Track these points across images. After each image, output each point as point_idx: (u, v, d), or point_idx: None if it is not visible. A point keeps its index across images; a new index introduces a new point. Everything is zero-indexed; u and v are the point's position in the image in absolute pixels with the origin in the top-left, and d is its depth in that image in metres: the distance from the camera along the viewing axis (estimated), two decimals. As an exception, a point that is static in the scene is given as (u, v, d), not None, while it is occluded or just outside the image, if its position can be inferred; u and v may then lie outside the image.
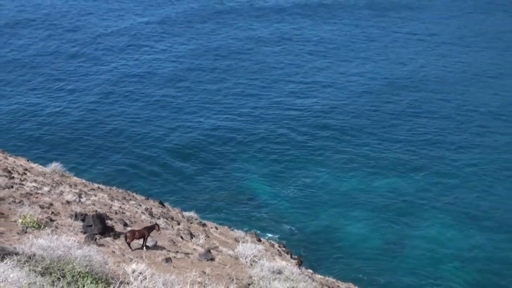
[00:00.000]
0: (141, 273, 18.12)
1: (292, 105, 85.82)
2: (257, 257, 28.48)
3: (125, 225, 29.35)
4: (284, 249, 44.52)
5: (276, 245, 44.53)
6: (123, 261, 22.64)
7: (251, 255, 28.56)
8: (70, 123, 79.17)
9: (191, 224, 37.89)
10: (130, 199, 39.64)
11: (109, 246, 24.76)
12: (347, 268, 52.66)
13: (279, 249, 42.67)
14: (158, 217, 35.14)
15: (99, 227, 25.80)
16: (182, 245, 29.09)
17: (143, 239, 25.54)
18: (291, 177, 67.88)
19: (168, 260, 24.81)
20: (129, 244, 25.26)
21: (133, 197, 42.00)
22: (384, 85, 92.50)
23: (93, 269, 17.30)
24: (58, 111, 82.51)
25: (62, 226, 25.60)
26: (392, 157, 71.87)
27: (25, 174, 34.31)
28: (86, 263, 17.23)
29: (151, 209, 37.31)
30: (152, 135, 76.55)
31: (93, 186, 40.31)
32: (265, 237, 50.51)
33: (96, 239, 24.77)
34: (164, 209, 40.69)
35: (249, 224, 57.22)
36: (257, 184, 66.42)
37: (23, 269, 15.51)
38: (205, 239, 32.92)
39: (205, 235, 34.57)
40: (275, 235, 55.87)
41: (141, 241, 25.60)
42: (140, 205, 37.64)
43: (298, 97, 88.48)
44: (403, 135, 77.38)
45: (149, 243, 26.11)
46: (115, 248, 24.73)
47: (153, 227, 26.16)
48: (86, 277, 16.56)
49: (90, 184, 40.89)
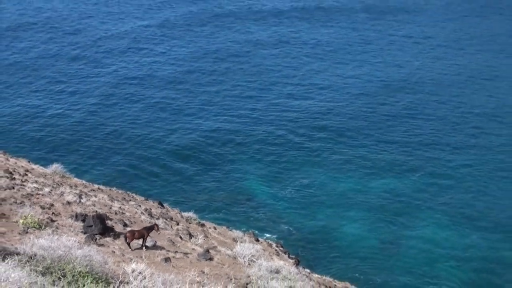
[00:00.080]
0: (140, 272, 18.14)
1: (290, 107, 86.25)
2: (255, 256, 28.34)
3: (125, 226, 29.24)
4: (281, 249, 44.38)
5: (274, 245, 44.42)
6: (123, 261, 22.56)
7: (249, 254, 28.42)
8: (71, 125, 79.43)
9: (190, 224, 37.80)
10: (130, 200, 39.60)
11: (109, 246, 24.72)
12: (344, 268, 52.79)
13: (277, 249, 42.47)
14: (158, 217, 35.05)
15: (99, 227, 25.68)
16: (181, 245, 29.01)
17: (142, 239, 25.45)
18: (289, 177, 68.15)
19: (167, 260, 24.67)
20: (128, 244, 25.13)
21: (132, 197, 41.95)
22: (380, 87, 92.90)
23: (93, 268, 17.34)
24: (59, 113, 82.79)
25: (62, 226, 25.56)
26: (389, 158, 72.23)
27: (26, 175, 34.16)
28: (86, 263, 17.27)
29: (151, 209, 37.16)
30: (152, 136, 76.83)
31: (93, 187, 40.18)
32: (263, 237, 50.58)
33: (96, 239, 24.67)
34: (163, 209, 40.50)
35: (247, 224, 57.33)
36: (255, 185, 66.66)
37: (24, 269, 15.50)
38: (204, 239, 32.81)
39: (204, 235, 34.47)
40: (273, 235, 55.99)
41: (141, 241, 25.52)
42: (140, 206, 37.49)
43: (295, 99, 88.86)
44: (399, 136, 77.79)
45: (149, 243, 25.95)
46: (115, 248, 24.69)
47: (153, 227, 26.03)
48: (87, 277, 16.59)
49: (90, 185, 40.84)
